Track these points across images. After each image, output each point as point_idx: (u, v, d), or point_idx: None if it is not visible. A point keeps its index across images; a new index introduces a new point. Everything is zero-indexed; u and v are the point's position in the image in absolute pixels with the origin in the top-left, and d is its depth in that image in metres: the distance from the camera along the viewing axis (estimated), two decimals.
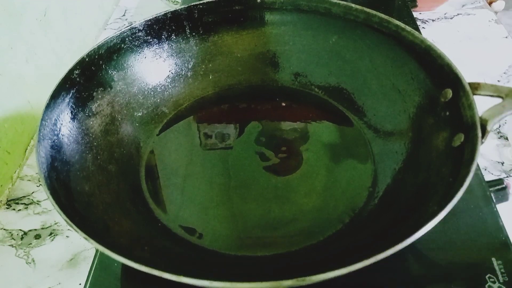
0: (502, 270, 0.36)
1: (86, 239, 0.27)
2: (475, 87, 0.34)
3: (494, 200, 0.40)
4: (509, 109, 0.32)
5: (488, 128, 0.32)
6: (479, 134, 0.32)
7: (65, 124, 0.38)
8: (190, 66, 0.50)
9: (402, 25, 0.41)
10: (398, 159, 0.41)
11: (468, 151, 0.32)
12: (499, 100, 0.33)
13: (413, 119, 0.41)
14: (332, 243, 0.37)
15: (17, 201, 0.48)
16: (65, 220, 0.28)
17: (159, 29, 0.47)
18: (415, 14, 0.67)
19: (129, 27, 0.44)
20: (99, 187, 0.38)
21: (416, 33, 0.41)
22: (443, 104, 0.37)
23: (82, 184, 0.36)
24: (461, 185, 0.29)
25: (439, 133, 0.37)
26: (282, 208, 0.41)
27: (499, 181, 0.42)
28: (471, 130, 0.33)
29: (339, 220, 0.39)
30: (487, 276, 0.35)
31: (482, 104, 0.33)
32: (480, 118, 0.33)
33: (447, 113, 0.37)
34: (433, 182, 0.35)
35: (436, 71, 0.38)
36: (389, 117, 0.44)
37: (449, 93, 0.37)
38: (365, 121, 0.47)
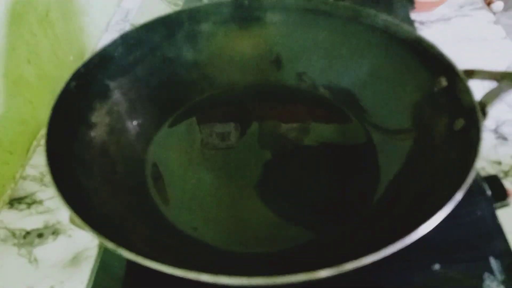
0: (500, 269, 0.36)
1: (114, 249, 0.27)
2: (469, 73, 0.36)
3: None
4: (505, 91, 0.33)
5: (487, 109, 0.33)
6: (480, 116, 0.33)
7: (69, 139, 0.38)
8: (184, 71, 0.51)
9: (390, 18, 0.42)
10: (400, 149, 0.42)
11: (472, 134, 0.33)
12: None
13: (411, 108, 0.42)
14: (344, 237, 0.38)
15: (19, 201, 0.48)
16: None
17: (151, 35, 0.47)
18: (413, 16, 0.68)
19: (120, 35, 0.44)
20: (110, 198, 0.38)
21: (405, 25, 0.42)
22: (439, 91, 0.39)
23: (93, 198, 0.36)
24: (471, 166, 0.30)
25: (439, 120, 0.38)
26: (287, 206, 0.41)
27: (494, 177, 0.43)
28: (471, 114, 0.34)
29: (346, 215, 0.40)
30: (485, 275, 0.36)
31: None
32: (479, 102, 0.34)
33: (444, 100, 0.38)
34: (441, 166, 0.36)
35: (429, 60, 0.40)
36: (388, 108, 0.45)
37: (444, 80, 0.38)
38: (364, 115, 0.47)
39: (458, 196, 0.29)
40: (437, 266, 0.37)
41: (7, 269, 0.42)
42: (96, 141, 0.41)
